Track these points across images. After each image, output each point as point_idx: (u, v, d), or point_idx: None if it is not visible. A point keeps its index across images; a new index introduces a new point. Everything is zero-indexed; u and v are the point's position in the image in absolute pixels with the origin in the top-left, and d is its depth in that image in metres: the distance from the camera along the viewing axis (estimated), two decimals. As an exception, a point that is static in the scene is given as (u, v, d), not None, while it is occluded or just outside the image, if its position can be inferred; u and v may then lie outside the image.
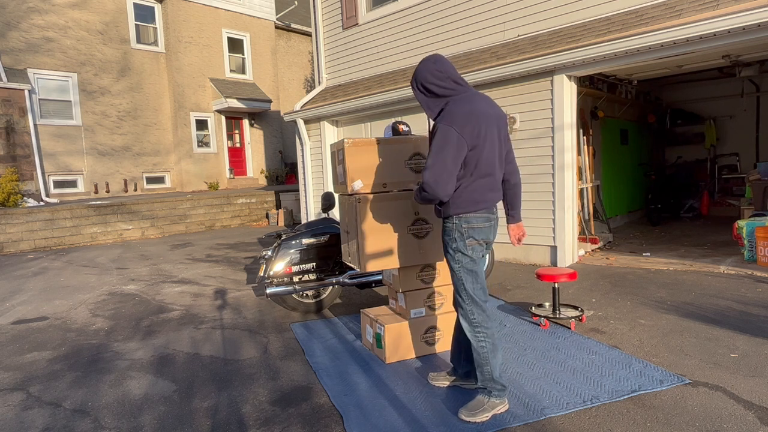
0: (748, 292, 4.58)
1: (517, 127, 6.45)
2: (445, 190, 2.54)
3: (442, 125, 2.54)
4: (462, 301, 2.71)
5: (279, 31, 18.38)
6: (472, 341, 2.70)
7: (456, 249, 2.66)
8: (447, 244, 2.72)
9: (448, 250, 2.72)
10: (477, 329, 2.68)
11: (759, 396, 2.73)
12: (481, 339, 2.67)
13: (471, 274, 2.67)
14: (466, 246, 2.65)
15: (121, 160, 14.48)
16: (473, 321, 2.68)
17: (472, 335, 2.69)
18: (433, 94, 2.67)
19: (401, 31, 8.35)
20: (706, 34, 4.81)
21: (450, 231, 2.68)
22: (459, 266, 2.68)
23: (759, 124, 9.49)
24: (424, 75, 2.66)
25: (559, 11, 6.36)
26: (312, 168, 10.07)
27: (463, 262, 2.66)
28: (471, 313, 2.69)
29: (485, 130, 2.57)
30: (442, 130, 2.53)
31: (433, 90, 2.66)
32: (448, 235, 2.70)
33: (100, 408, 3.05)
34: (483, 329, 2.67)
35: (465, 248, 2.65)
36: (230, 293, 5.75)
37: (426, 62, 2.69)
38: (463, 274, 2.68)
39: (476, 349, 2.69)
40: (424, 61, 2.70)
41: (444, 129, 2.52)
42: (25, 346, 4.24)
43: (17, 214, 9.57)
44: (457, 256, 2.67)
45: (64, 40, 13.31)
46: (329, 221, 4.83)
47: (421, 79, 2.68)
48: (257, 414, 2.86)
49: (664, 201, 9.08)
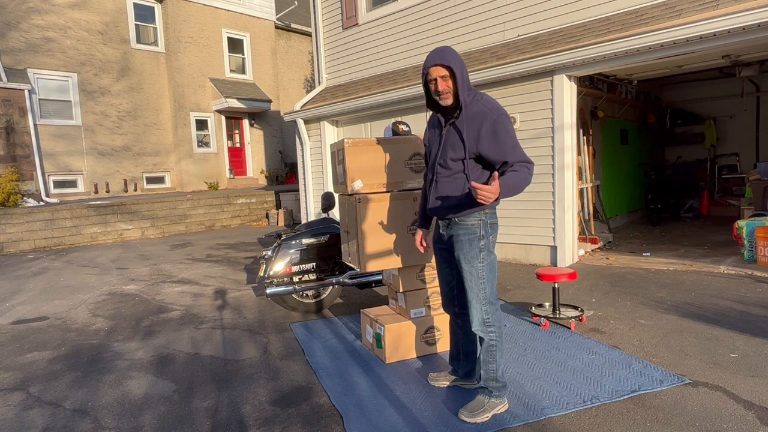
0: (748, 292, 4.58)
1: (517, 127, 6.45)
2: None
3: (499, 114, 2.45)
4: (478, 302, 2.60)
5: (279, 31, 18.38)
6: (485, 339, 2.65)
7: (483, 247, 2.56)
8: (471, 243, 2.56)
9: (472, 249, 2.56)
10: (490, 328, 2.64)
11: (759, 396, 2.72)
12: (493, 337, 2.64)
13: (492, 272, 2.61)
14: (490, 243, 2.59)
15: (121, 160, 14.48)
16: (487, 321, 2.63)
17: (484, 333, 2.64)
18: (468, 86, 2.54)
19: (401, 31, 8.35)
20: (706, 34, 4.81)
21: (475, 229, 2.56)
22: (483, 265, 2.57)
23: (759, 124, 9.49)
24: (461, 61, 2.51)
25: (559, 11, 6.36)
26: (312, 168, 10.07)
27: (489, 260, 2.58)
28: (486, 313, 2.62)
29: None
30: (505, 119, 2.45)
31: (468, 81, 2.55)
32: (472, 233, 2.56)
33: (100, 408, 3.05)
34: (496, 328, 2.65)
35: (491, 245, 2.59)
36: (230, 293, 5.75)
37: (451, 49, 2.52)
38: (487, 272, 2.58)
39: (486, 348, 2.66)
40: (450, 49, 2.52)
41: (506, 117, 2.46)
42: (25, 346, 4.24)
43: (17, 214, 9.57)
44: (483, 254, 2.57)
45: (64, 40, 13.31)
46: (329, 221, 4.83)
47: (464, 68, 2.52)
48: (257, 414, 2.86)
49: (664, 201, 9.08)
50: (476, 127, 2.48)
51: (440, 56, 2.48)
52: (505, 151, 2.45)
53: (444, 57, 2.47)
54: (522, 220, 6.48)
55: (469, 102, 2.53)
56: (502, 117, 2.47)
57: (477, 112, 2.50)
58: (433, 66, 2.49)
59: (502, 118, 2.46)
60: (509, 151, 2.45)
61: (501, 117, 2.47)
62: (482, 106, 2.51)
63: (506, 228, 6.62)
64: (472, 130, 2.49)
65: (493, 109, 2.49)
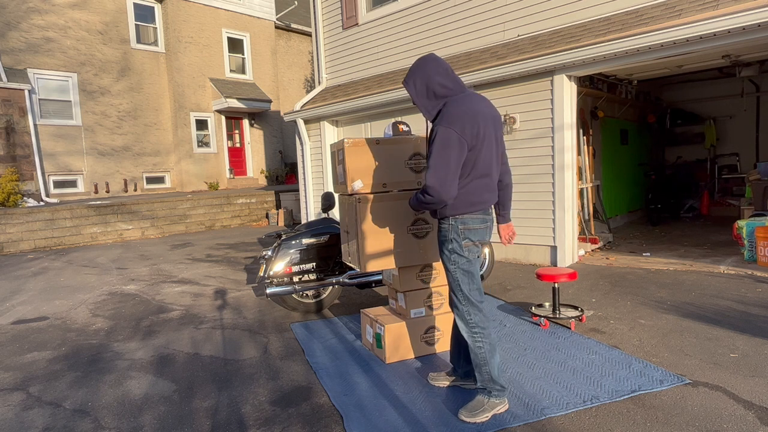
0: (748, 292, 4.58)
1: (517, 127, 6.45)
2: (450, 193, 2.49)
3: (443, 127, 2.49)
4: (458, 302, 2.70)
5: (279, 31, 18.38)
6: (469, 342, 2.69)
7: (452, 250, 2.65)
8: (443, 245, 2.70)
9: (444, 251, 2.70)
10: (474, 330, 2.67)
11: (759, 396, 2.73)
12: (478, 340, 2.66)
13: (467, 275, 2.66)
14: (462, 247, 2.63)
15: (121, 160, 14.48)
16: (470, 322, 2.67)
17: (469, 336, 2.68)
18: (434, 95, 2.60)
19: (401, 31, 8.35)
20: (706, 34, 4.81)
21: (446, 232, 2.66)
22: (455, 267, 2.66)
23: (759, 124, 9.49)
24: (431, 75, 2.57)
25: (559, 11, 6.36)
26: (312, 168, 10.07)
27: (459, 263, 2.65)
28: (467, 314, 2.67)
29: (483, 130, 2.55)
30: (442, 132, 2.48)
31: (436, 90, 2.58)
32: (443, 236, 2.69)
33: (100, 408, 3.05)
34: (480, 330, 2.66)
35: (461, 249, 2.63)
36: (230, 293, 5.75)
37: (428, 62, 2.61)
38: (459, 275, 2.66)
39: (473, 350, 2.68)
40: (426, 61, 2.62)
41: (445, 130, 2.47)
42: (25, 346, 4.24)
43: (17, 214, 9.57)
44: (453, 257, 2.65)
45: (64, 40, 13.31)
46: (329, 221, 4.83)
47: (427, 79, 2.58)
48: (257, 414, 2.86)
49: (664, 201, 9.08)
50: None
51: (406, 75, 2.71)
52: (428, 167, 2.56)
53: (406, 78, 2.70)
54: (522, 220, 6.48)
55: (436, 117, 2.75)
56: (440, 132, 2.52)
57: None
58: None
59: (439, 132, 2.52)
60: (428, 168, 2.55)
61: (439, 132, 2.52)
62: (440, 117, 2.60)
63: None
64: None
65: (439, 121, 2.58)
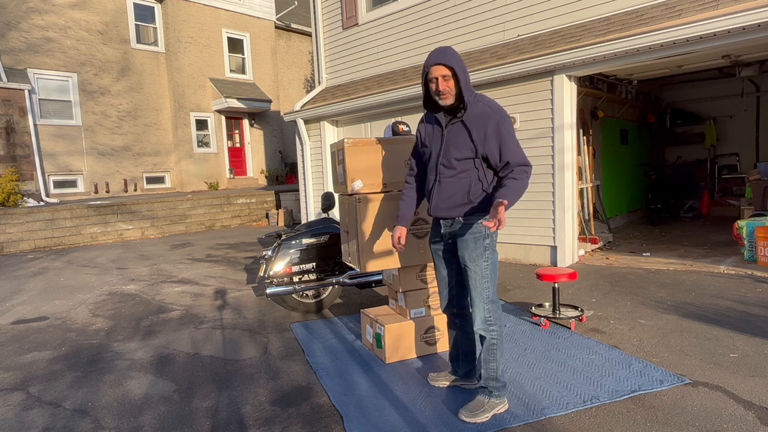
0: (748, 292, 4.58)
1: (517, 127, 6.45)
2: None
3: (503, 114, 2.53)
4: (482, 300, 2.64)
5: (279, 31, 18.38)
6: (486, 338, 2.66)
7: (487, 246, 2.61)
8: (476, 242, 2.60)
9: (476, 248, 2.59)
10: (492, 327, 2.66)
11: (759, 396, 2.73)
12: (494, 336, 2.66)
13: (495, 271, 2.66)
14: (494, 242, 2.65)
15: (121, 160, 14.48)
16: (488, 319, 2.65)
17: (486, 332, 2.66)
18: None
19: (401, 31, 8.35)
20: (706, 34, 4.81)
21: (480, 228, 2.60)
22: (487, 263, 2.62)
23: (759, 124, 9.49)
24: (462, 61, 2.55)
25: (559, 11, 6.36)
26: (312, 168, 10.07)
27: (492, 258, 2.64)
28: (488, 311, 2.65)
29: None
30: (507, 118, 2.53)
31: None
32: (477, 232, 2.60)
33: (100, 408, 3.05)
34: (497, 326, 2.67)
35: (494, 244, 2.65)
36: (230, 293, 5.75)
37: (452, 50, 2.55)
38: (490, 270, 2.63)
39: (488, 347, 2.67)
40: (452, 50, 2.55)
41: (508, 117, 2.54)
42: (25, 346, 4.24)
43: (17, 214, 9.57)
44: (487, 253, 2.62)
45: (64, 40, 13.31)
46: (329, 221, 4.83)
47: (462, 65, 2.54)
48: (257, 414, 2.86)
49: (664, 201, 9.08)
50: (482, 128, 2.53)
51: (442, 56, 2.51)
52: (508, 152, 2.51)
53: (446, 57, 2.51)
54: (522, 220, 6.48)
55: (472, 103, 2.57)
56: (505, 118, 2.54)
57: (480, 112, 2.55)
58: (435, 65, 2.53)
59: (505, 119, 2.54)
60: (512, 153, 2.52)
61: (504, 118, 2.54)
62: (484, 107, 2.57)
63: (506, 228, 6.63)
64: (479, 130, 2.53)
65: (495, 110, 2.56)
